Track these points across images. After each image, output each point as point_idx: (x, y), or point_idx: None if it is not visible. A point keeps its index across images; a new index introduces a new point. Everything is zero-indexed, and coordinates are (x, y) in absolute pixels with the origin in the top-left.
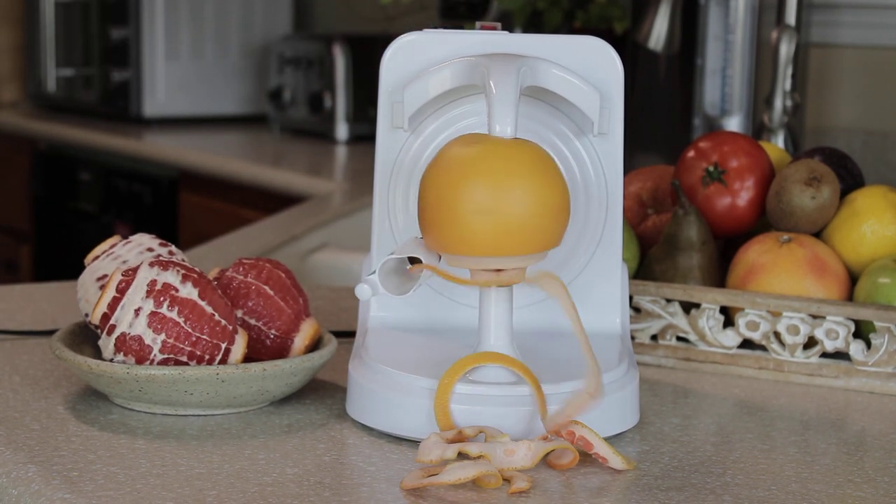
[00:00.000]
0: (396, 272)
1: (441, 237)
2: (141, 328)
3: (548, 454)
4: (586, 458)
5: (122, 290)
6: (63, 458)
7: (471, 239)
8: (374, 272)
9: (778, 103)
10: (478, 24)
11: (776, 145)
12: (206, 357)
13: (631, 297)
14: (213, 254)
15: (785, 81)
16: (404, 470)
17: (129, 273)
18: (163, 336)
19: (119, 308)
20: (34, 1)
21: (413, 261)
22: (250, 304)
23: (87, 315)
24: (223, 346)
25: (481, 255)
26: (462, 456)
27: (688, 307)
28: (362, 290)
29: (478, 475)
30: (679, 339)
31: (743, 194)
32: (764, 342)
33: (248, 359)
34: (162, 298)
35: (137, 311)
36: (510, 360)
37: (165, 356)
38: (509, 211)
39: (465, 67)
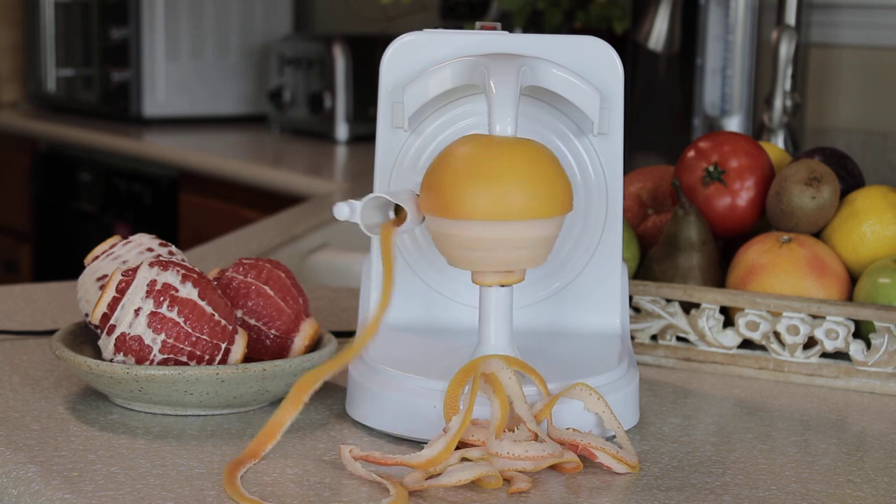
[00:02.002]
0: (378, 212)
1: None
2: (141, 328)
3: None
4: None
5: (122, 290)
6: (63, 458)
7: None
8: (360, 199)
9: (778, 103)
10: (478, 24)
11: (776, 145)
12: (206, 357)
13: (631, 297)
14: (213, 254)
15: (785, 81)
16: (405, 470)
17: (129, 273)
18: (163, 336)
19: (119, 308)
20: (34, 1)
21: (398, 210)
22: (250, 304)
23: (87, 315)
24: (223, 346)
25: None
26: (464, 458)
27: (688, 307)
28: (340, 209)
29: (478, 477)
30: (679, 339)
31: (743, 194)
32: (764, 342)
33: (248, 359)
34: (162, 298)
35: (137, 311)
36: (520, 362)
37: (165, 356)
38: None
39: (465, 67)
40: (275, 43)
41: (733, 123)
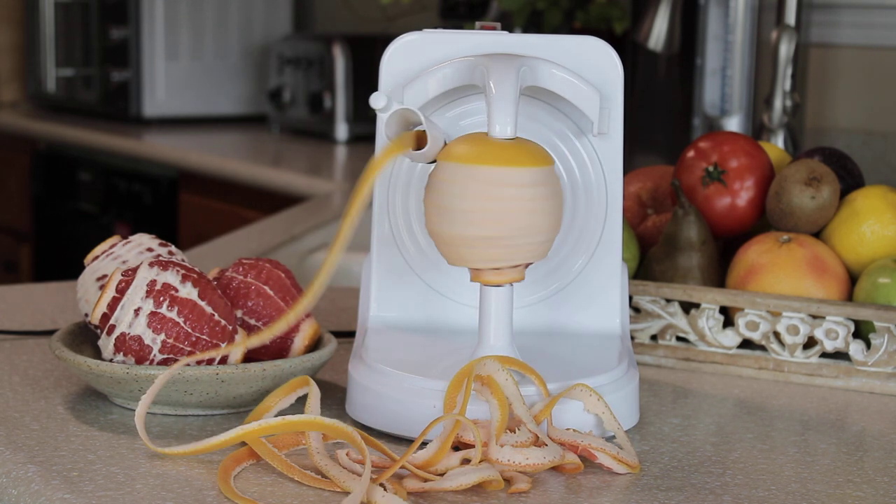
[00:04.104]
0: (402, 128)
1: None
2: (141, 328)
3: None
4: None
5: (121, 290)
6: (63, 458)
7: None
8: (403, 103)
9: (778, 103)
10: (478, 24)
11: (776, 145)
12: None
13: (631, 297)
14: (213, 254)
15: (785, 81)
16: (405, 471)
17: (128, 273)
18: (162, 336)
19: (119, 308)
20: (34, 1)
21: (420, 137)
22: (250, 304)
23: (87, 315)
24: (223, 346)
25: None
26: (465, 459)
27: (688, 307)
28: (378, 98)
29: (479, 481)
30: (679, 339)
31: (743, 194)
32: (764, 342)
33: (248, 359)
34: (162, 298)
35: (137, 311)
36: (519, 363)
37: (165, 356)
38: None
39: (465, 67)
40: (275, 43)
41: (733, 123)
